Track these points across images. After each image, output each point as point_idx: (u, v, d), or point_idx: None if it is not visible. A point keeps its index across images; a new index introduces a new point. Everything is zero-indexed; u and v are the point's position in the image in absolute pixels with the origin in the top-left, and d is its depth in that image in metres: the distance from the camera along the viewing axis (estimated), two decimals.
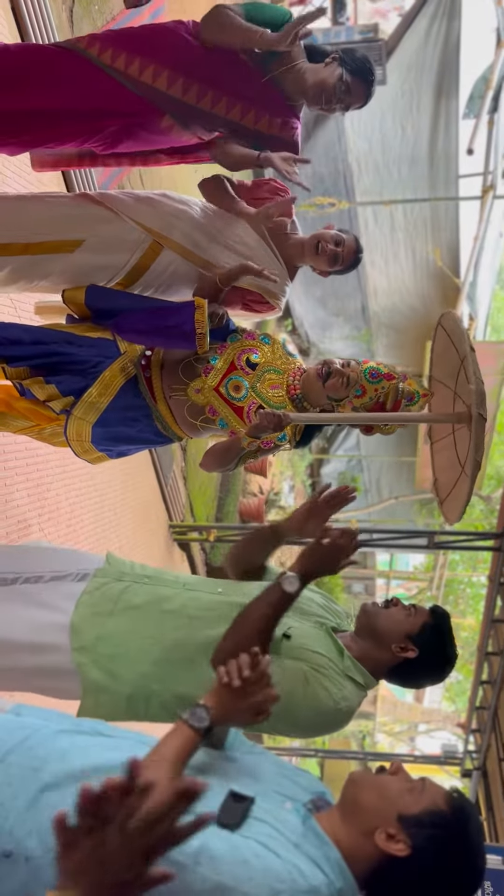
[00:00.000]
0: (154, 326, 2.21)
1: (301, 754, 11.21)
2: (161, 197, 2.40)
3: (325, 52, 2.29)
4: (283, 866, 1.06)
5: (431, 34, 9.22)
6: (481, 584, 14.18)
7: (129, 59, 2.16)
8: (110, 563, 1.93)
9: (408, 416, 2.18)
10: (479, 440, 1.92)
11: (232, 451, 2.20)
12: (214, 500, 8.37)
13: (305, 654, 1.68)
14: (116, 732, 1.28)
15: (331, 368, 2.17)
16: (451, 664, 1.75)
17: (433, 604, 1.83)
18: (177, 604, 1.80)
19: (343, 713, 1.66)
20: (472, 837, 1.14)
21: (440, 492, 2.20)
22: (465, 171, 9.64)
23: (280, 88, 2.25)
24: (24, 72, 2.13)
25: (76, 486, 4.14)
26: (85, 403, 2.19)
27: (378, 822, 1.14)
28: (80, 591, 1.82)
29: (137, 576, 1.88)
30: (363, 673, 1.71)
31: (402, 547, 8.43)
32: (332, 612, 1.88)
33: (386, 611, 1.75)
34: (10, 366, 2.17)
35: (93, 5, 4.36)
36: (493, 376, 7.76)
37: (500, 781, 6.38)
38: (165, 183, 5.56)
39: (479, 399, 1.91)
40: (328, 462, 14.23)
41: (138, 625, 1.75)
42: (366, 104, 2.32)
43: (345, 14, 14.04)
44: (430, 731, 18.92)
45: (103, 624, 1.75)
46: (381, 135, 9.98)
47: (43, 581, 1.87)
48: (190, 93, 2.19)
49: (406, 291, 11.04)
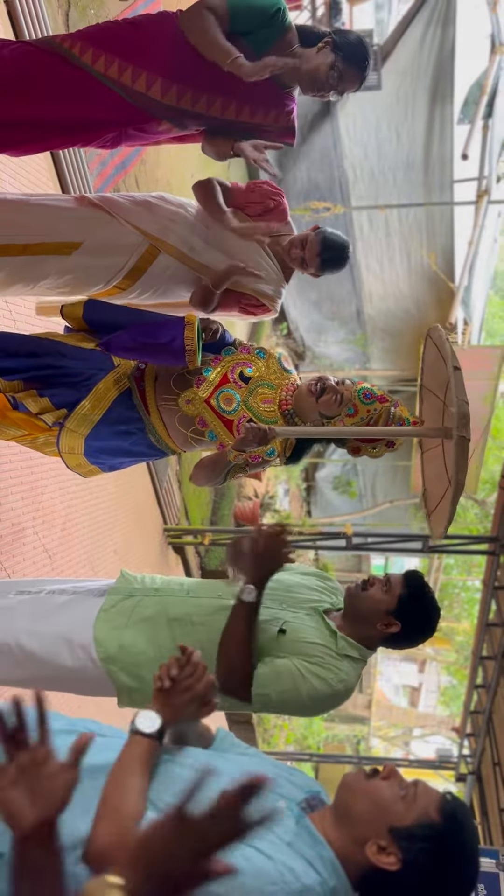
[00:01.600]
0: (142, 344, 2.21)
1: (296, 758, 11.19)
2: (158, 200, 2.41)
3: (318, 35, 2.24)
4: (275, 868, 1.05)
5: (426, 40, 9.25)
6: (476, 587, 14.20)
7: (121, 67, 2.13)
8: (124, 579, 2.07)
9: (392, 430, 2.18)
10: (462, 462, 1.93)
11: (219, 465, 2.21)
12: (209, 503, 8.37)
13: (301, 646, 1.81)
14: (110, 731, 1.28)
15: (325, 385, 2.17)
16: (434, 624, 1.88)
17: (406, 570, 1.95)
18: (182, 611, 1.95)
19: (342, 693, 1.81)
20: (464, 848, 1.13)
21: (428, 503, 2.21)
22: (460, 176, 9.65)
23: (273, 77, 2.18)
24: (17, 82, 2.11)
25: (71, 490, 4.13)
26: (78, 416, 2.19)
27: (369, 833, 1.13)
28: (99, 606, 1.98)
29: (147, 589, 2.03)
30: (358, 648, 1.85)
31: (396, 550, 8.41)
32: (329, 590, 2.02)
33: (364, 592, 1.87)
34: (3, 378, 2.17)
35: (89, 9, 4.37)
36: (487, 381, 7.76)
37: (494, 786, 6.38)
38: (161, 185, 5.58)
39: (461, 421, 1.91)
40: (323, 466, 14.22)
41: (151, 634, 1.91)
42: (359, 88, 2.28)
43: (340, 19, 14.10)
44: (425, 736, 18.92)
45: (122, 636, 1.91)
46: (376, 139, 10.01)
47: (67, 594, 2.03)
48: (185, 99, 2.19)
49: (401, 296, 11.05)
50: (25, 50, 2.14)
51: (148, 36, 2.18)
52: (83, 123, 2.21)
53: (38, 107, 2.14)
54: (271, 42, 2.18)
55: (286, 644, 1.82)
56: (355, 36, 2.24)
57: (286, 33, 2.21)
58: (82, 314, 2.28)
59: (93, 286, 2.38)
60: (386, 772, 1.19)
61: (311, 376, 2.26)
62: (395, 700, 19.43)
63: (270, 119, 2.30)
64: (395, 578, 1.87)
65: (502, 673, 6.13)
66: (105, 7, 4.54)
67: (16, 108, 2.12)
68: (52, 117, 2.17)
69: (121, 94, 2.16)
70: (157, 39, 2.17)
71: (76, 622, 1.94)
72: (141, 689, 1.88)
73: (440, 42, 9.20)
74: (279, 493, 12.08)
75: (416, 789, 1.16)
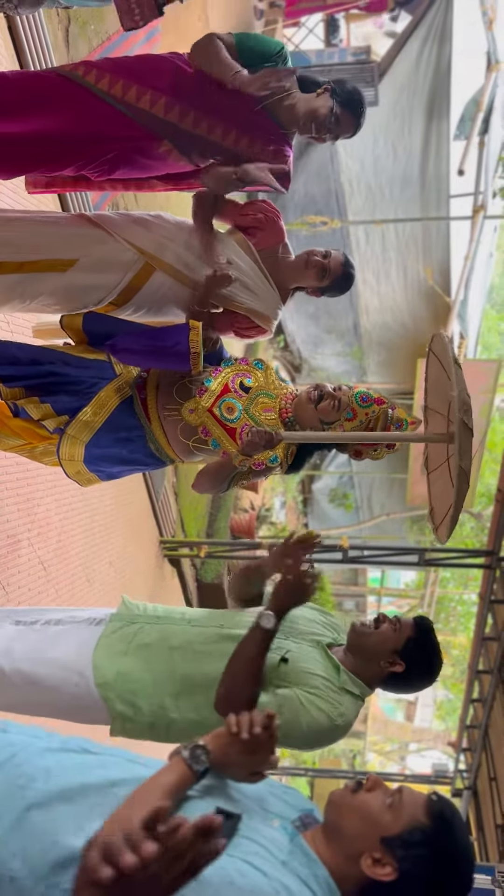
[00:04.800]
0: (148, 347, 2.24)
1: (291, 773, 11.12)
2: (156, 219, 2.42)
3: (317, 83, 2.33)
4: (270, 885, 1.05)
5: (423, 57, 9.35)
6: (472, 601, 14.18)
7: (126, 86, 2.20)
8: (126, 606, 2.07)
9: (394, 436, 2.25)
10: (466, 448, 1.96)
11: (224, 471, 2.22)
12: (205, 515, 8.35)
13: (302, 676, 1.81)
14: (103, 750, 1.27)
15: (322, 392, 2.22)
16: (436, 672, 1.88)
17: (416, 615, 1.95)
18: (182, 640, 1.94)
19: (341, 728, 1.79)
20: (457, 845, 1.14)
21: (435, 519, 2.22)
22: (456, 192, 9.74)
23: (273, 117, 2.30)
24: (21, 98, 2.15)
25: (67, 502, 4.12)
26: (79, 422, 2.20)
27: (362, 847, 1.13)
28: (99, 634, 1.97)
29: (149, 617, 2.03)
30: (359, 684, 1.84)
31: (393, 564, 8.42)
32: (329, 626, 2.01)
33: (374, 630, 1.86)
34: (5, 386, 2.18)
35: (89, 25, 4.40)
36: (483, 394, 7.80)
37: (490, 801, 6.35)
38: (159, 201, 5.60)
39: (462, 407, 1.95)
40: (319, 478, 14.23)
41: (150, 662, 1.91)
42: (355, 135, 2.38)
43: (338, 36, 14.25)
44: (421, 750, 18.82)
45: (121, 662, 1.90)
46: (374, 155, 10.09)
47: (62, 624, 2.02)
48: (187, 119, 2.23)
49: (397, 309, 11.11)
50: (30, 72, 2.25)
51: (152, 63, 2.27)
52: (82, 139, 2.22)
53: (34, 120, 2.15)
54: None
55: (288, 673, 1.81)
56: (352, 86, 2.34)
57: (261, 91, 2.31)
58: (82, 325, 2.29)
59: (88, 303, 2.38)
60: (370, 783, 1.20)
61: (308, 384, 2.30)
62: (390, 714, 19.33)
63: (267, 157, 2.33)
64: (405, 620, 1.88)
65: (498, 687, 6.11)
66: (105, 23, 4.58)
67: (11, 123, 2.14)
68: (51, 130, 2.18)
69: (123, 112, 2.20)
70: (161, 65, 2.27)
71: (75, 648, 1.93)
72: (135, 719, 1.87)
73: (437, 59, 9.30)
74: (276, 506, 12.07)
75: (401, 796, 1.17)
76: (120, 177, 2.37)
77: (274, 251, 2.43)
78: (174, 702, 1.86)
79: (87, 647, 1.92)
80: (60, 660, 1.91)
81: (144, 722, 1.87)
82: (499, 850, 5.84)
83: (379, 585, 18.37)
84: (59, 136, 2.19)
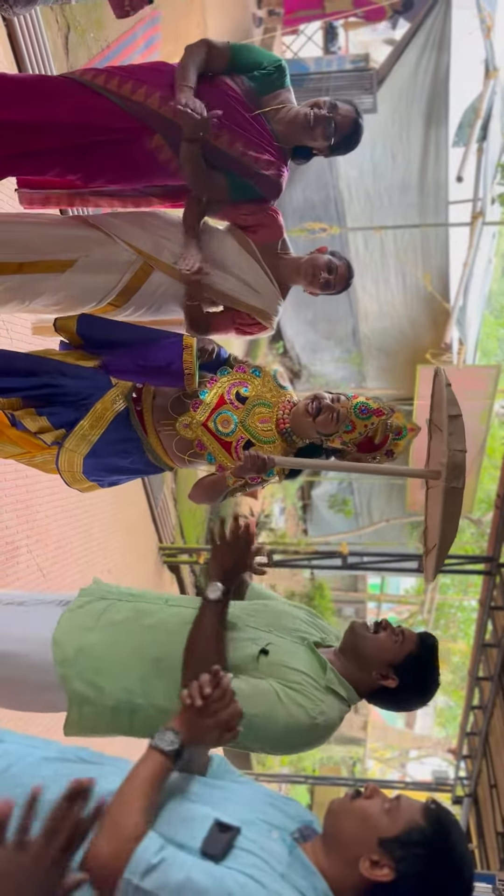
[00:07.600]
0: (141, 367, 2.25)
1: (291, 781, 11.08)
2: (152, 218, 2.44)
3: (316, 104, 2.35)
4: None
5: (421, 64, 9.38)
6: (472, 608, 14.14)
7: (122, 81, 2.24)
8: (96, 584, 1.94)
9: (384, 469, 2.25)
10: (450, 512, 1.91)
11: (217, 488, 2.23)
12: (205, 522, 8.34)
13: (281, 670, 1.65)
14: (101, 759, 1.26)
15: (321, 404, 2.16)
16: (429, 696, 1.74)
17: (423, 630, 1.81)
18: (156, 619, 1.79)
19: (321, 728, 1.63)
20: (455, 848, 1.15)
21: (428, 541, 2.15)
22: (455, 198, 9.75)
23: (269, 126, 2.33)
24: (14, 91, 2.18)
25: (65, 508, 4.12)
26: (77, 436, 2.20)
27: (360, 850, 1.14)
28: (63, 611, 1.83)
29: (122, 594, 1.88)
30: (346, 686, 1.69)
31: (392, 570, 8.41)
32: (316, 626, 1.87)
33: (373, 635, 1.72)
34: (1, 396, 2.18)
35: (88, 33, 4.42)
36: (482, 400, 7.81)
37: (491, 808, 6.32)
38: None
39: (452, 472, 1.90)
40: (319, 484, 14.21)
41: (118, 639, 1.75)
42: (348, 152, 2.42)
43: (336, 43, 14.30)
44: (421, 758, 18.75)
45: (84, 638, 1.75)
46: (372, 162, 10.10)
47: (27, 605, 1.90)
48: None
49: (396, 315, 11.11)
50: (28, 74, 2.27)
51: (150, 64, 2.34)
52: (76, 127, 2.22)
53: (24, 107, 2.16)
54: (270, 90, 2.32)
55: (266, 666, 1.66)
56: (352, 106, 2.36)
57: (283, 90, 2.35)
58: (76, 328, 2.29)
59: (87, 304, 2.40)
60: (369, 791, 1.22)
61: (307, 394, 2.27)
62: (390, 721, 19.26)
63: (261, 164, 2.34)
64: (409, 634, 1.71)
65: (499, 694, 6.09)
66: (104, 30, 4.59)
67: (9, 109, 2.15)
68: (39, 119, 2.18)
69: (119, 104, 2.23)
70: (159, 66, 2.34)
71: (37, 625, 1.78)
72: (95, 702, 1.69)
73: (435, 66, 9.33)
74: (275, 512, 12.05)
75: (399, 802, 1.19)
76: (109, 184, 2.38)
77: (273, 247, 2.43)
78: (141, 685, 1.69)
79: (50, 624, 1.77)
80: (18, 635, 1.77)
81: (106, 706, 1.69)
82: (499, 857, 5.81)
83: (379, 592, 18.34)
84: (46, 123, 2.19)
